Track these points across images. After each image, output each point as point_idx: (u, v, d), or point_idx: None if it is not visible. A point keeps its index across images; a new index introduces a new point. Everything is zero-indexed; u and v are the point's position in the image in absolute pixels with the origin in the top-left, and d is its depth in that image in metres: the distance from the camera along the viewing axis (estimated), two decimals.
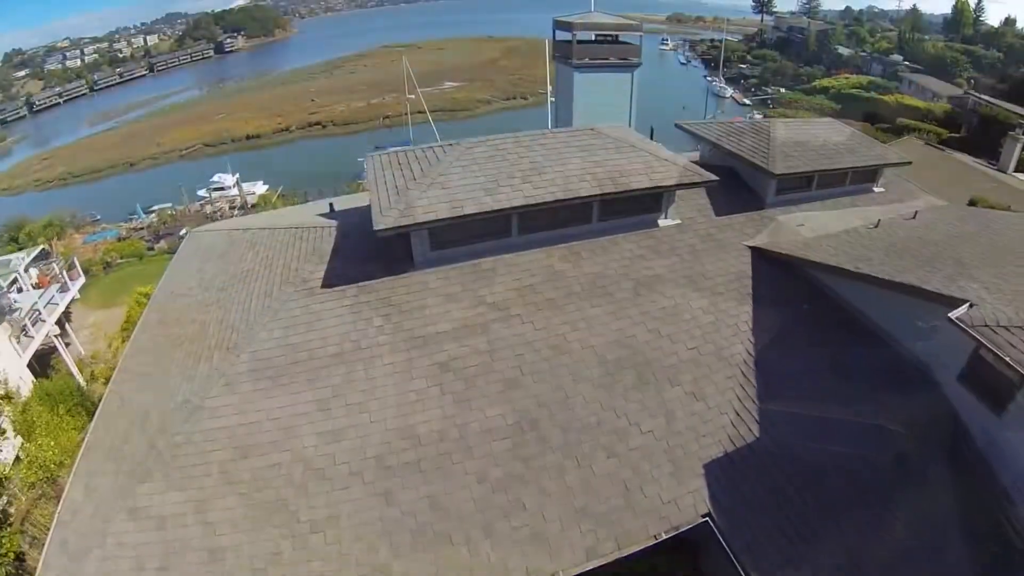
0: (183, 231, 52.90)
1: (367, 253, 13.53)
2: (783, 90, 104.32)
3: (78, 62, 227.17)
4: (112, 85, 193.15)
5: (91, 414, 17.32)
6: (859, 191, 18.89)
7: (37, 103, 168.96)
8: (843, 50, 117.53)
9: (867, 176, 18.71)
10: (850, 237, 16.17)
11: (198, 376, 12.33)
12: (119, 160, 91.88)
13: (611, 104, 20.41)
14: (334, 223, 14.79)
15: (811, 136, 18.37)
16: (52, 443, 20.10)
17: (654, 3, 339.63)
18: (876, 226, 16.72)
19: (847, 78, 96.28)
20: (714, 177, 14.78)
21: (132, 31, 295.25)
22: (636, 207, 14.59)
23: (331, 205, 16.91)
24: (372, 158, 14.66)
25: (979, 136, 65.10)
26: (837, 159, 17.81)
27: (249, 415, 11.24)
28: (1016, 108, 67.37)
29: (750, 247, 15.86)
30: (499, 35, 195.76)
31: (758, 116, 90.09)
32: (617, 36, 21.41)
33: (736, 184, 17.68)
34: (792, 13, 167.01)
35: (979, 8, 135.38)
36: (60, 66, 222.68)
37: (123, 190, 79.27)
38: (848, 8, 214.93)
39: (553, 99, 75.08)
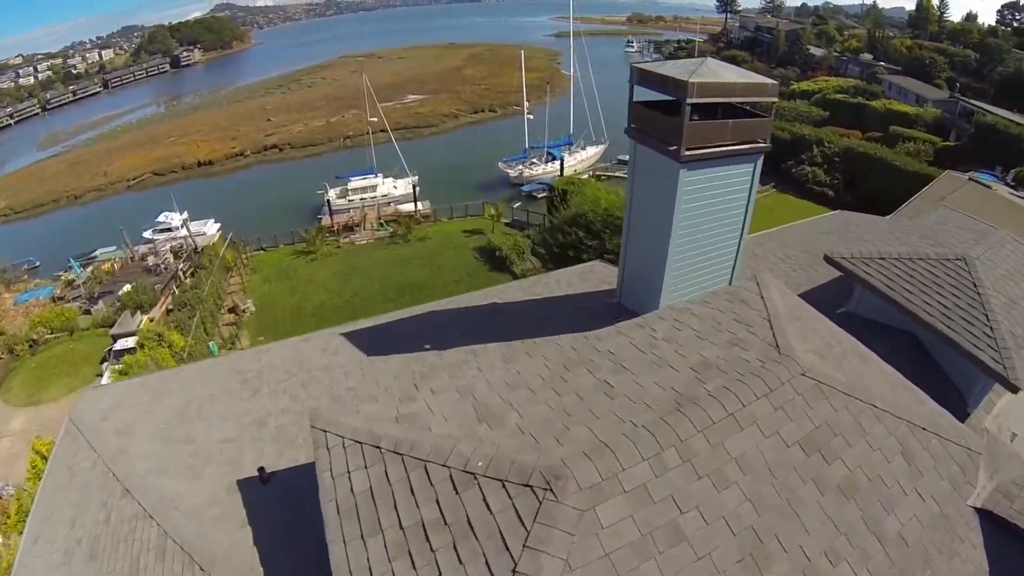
0: (123, 290, 44.42)
1: None
2: None
3: (31, 79, 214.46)
4: (65, 104, 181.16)
5: None
6: None
7: None
8: (815, 50, 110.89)
9: None
10: None
11: None
12: (63, 192, 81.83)
13: (723, 213, 11.19)
14: None
15: (1009, 276, 11.12)
16: None
17: (610, 4, 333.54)
18: None
19: (826, 80, 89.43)
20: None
21: (88, 45, 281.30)
22: None
23: (261, 472, 8.69)
24: (318, 435, 6.35)
25: (977, 146, 58.85)
26: None
27: None
28: (1016, 118, 61.24)
29: (977, 510, 8.40)
30: (460, 41, 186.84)
31: None
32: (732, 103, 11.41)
33: (922, 365, 10.21)
34: (758, 11, 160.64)
35: (943, 5, 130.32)
36: (12, 84, 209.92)
37: (66, 227, 71.22)
38: (804, 4, 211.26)
39: (530, 115, 67.32)
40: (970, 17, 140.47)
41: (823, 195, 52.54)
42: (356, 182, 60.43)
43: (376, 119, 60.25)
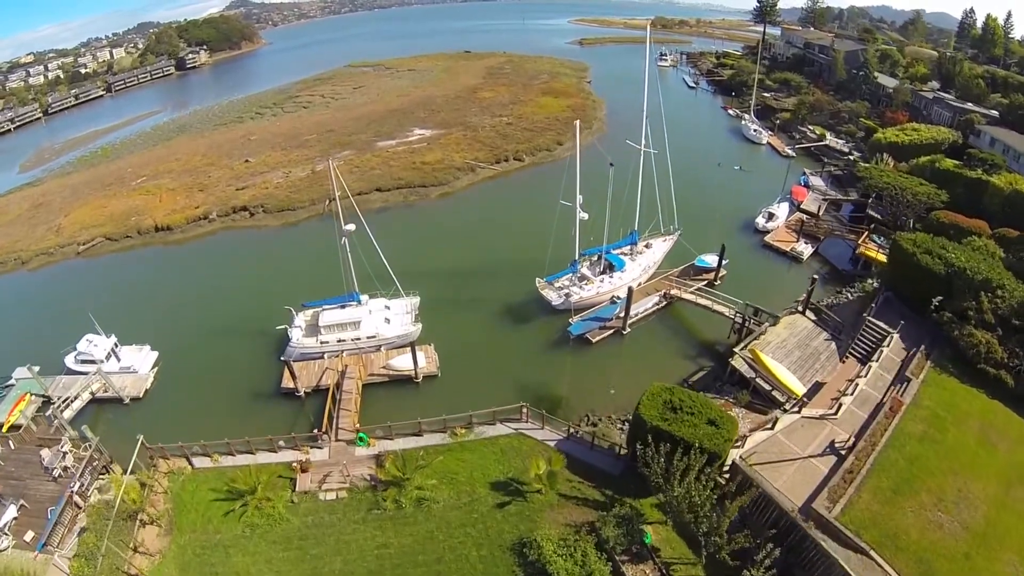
0: (8, 515, 26.93)
1: None
2: (830, 135, 75.93)
3: (41, 79, 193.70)
4: (67, 107, 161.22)
5: None
6: None
7: None
8: (885, 80, 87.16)
9: None
10: None
11: None
12: (11, 253, 63.41)
13: None
14: None
15: None
16: None
17: (626, 5, 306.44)
18: None
19: (915, 130, 66.80)
20: None
21: (103, 42, 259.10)
22: None
23: None
24: None
25: None
26: None
27: None
28: None
29: None
30: (477, 49, 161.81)
31: (815, 180, 62.41)
32: None
33: None
34: (800, 22, 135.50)
35: (1008, 25, 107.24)
36: (23, 83, 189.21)
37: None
38: (828, 8, 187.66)
39: (584, 215, 38.76)
40: None
41: (998, 380, 30.96)
42: (330, 315, 40.20)
43: (353, 227, 39.14)
